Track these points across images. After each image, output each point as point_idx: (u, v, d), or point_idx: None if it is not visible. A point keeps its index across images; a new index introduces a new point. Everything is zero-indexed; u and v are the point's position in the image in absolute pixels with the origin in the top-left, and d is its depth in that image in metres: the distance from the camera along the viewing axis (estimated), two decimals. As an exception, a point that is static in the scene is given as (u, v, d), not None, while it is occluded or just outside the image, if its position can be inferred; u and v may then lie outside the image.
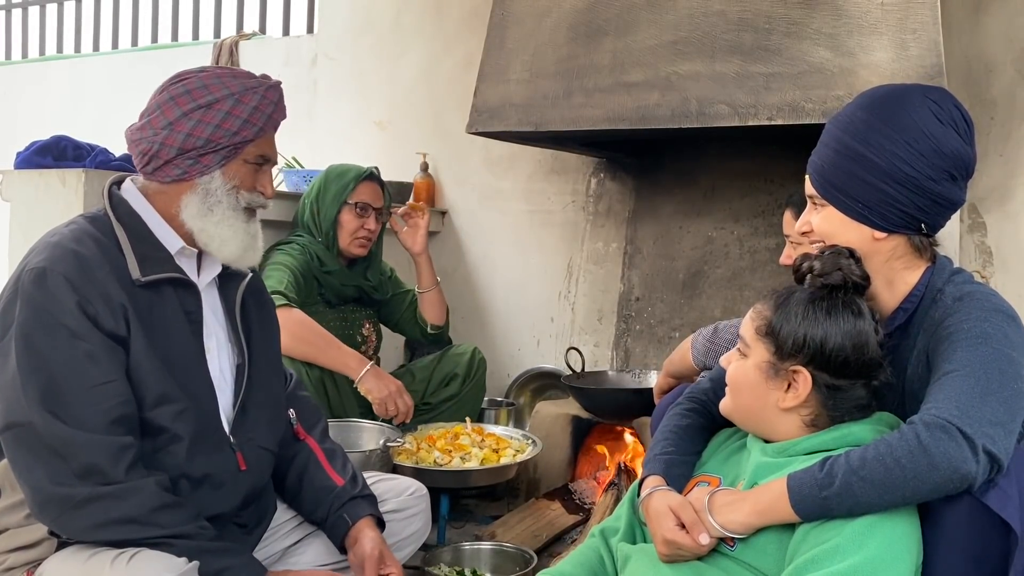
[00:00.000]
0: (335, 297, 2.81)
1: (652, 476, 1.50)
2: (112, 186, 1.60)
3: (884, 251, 1.48)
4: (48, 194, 2.48)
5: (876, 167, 1.43)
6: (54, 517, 1.42)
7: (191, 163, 1.54)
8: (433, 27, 3.85)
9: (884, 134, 1.43)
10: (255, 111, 1.56)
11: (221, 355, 1.63)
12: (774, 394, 1.41)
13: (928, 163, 1.42)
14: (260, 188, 1.63)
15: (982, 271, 2.87)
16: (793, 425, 1.42)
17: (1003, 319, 1.38)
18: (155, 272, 1.51)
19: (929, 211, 1.46)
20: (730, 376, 1.48)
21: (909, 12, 2.20)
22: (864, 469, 1.25)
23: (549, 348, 3.57)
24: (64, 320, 1.41)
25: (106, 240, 1.51)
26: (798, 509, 1.29)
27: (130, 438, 1.43)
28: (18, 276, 1.46)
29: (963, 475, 1.22)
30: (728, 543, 1.37)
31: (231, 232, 1.58)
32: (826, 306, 1.39)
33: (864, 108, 1.48)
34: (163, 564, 1.37)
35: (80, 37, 5.53)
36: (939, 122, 1.43)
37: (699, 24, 2.45)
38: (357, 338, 2.88)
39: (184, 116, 1.52)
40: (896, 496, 1.25)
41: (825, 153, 1.50)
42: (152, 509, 1.41)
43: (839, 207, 1.48)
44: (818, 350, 1.37)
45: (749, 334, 1.45)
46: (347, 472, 1.76)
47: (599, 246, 3.47)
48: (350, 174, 2.82)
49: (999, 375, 1.30)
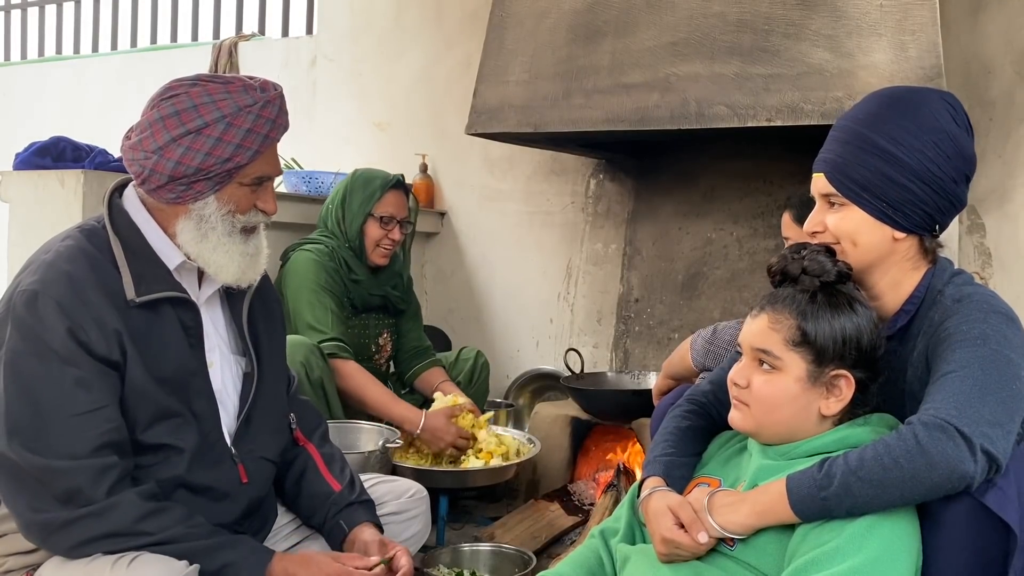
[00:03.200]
0: (361, 304, 2.81)
1: (652, 477, 1.50)
2: (113, 193, 1.56)
3: (899, 252, 1.48)
4: (47, 195, 2.48)
5: (905, 166, 1.42)
6: (40, 541, 1.42)
7: (183, 188, 1.48)
8: (432, 28, 3.85)
9: (913, 133, 1.42)
10: (249, 134, 1.47)
11: (224, 368, 1.61)
12: (816, 403, 1.38)
13: (952, 165, 1.43)
14: (260, 206, 1.56)
15: (981, 272, 2.87)
16: (824, 428, 1.40)
17: (1002, 320, 1.38)
18: (151, 291, 1.48)
19: (946, 212, 1.47)
20: (763, 394, 1.39)
21: (908, 13, 2.20)
22: (862, 469, 1.25)
23: (548, 349, 3.56)
24: (54, 346, 1.38)
25: (101, 257, 1.47)
26: (797, 510, 1.29)
27: (114, 458, 1.40)
28: (10, 296, 1.43)
29: (961, 475, 1.22)
30: (728, 543, 1.36)
31: (227, 259, 1.53)
32: (844, 302, 1.38)
33: (888, 106, 1.46)
34: (163, 568, 1.36)
35: (79, 38, 5.53)
36: (957, 125, 1.45)
37: (698, 25, 2.45)
38: (372, 347, 2.87)
39: (173, 142, 1.45)
40: (894, 496, 1.25)
41: (847, 150, 1.46)
42: (135, 519, 1.39)
43: (863, 206, 1.45)
44: (856, 347, 1.37)
45: (777, 346, 1.38)
46: (345, 477, 1.75)
47: (598, 247, 3.46)
48: (375, 183, 2.79)
49: (997, 376, 1.30)
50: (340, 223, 2.79)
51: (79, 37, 5.53)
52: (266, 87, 1.52)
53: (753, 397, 1.40)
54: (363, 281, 2.79)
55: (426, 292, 3.82)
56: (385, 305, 2.89)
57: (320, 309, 2.62)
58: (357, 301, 2.80)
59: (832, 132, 1.53)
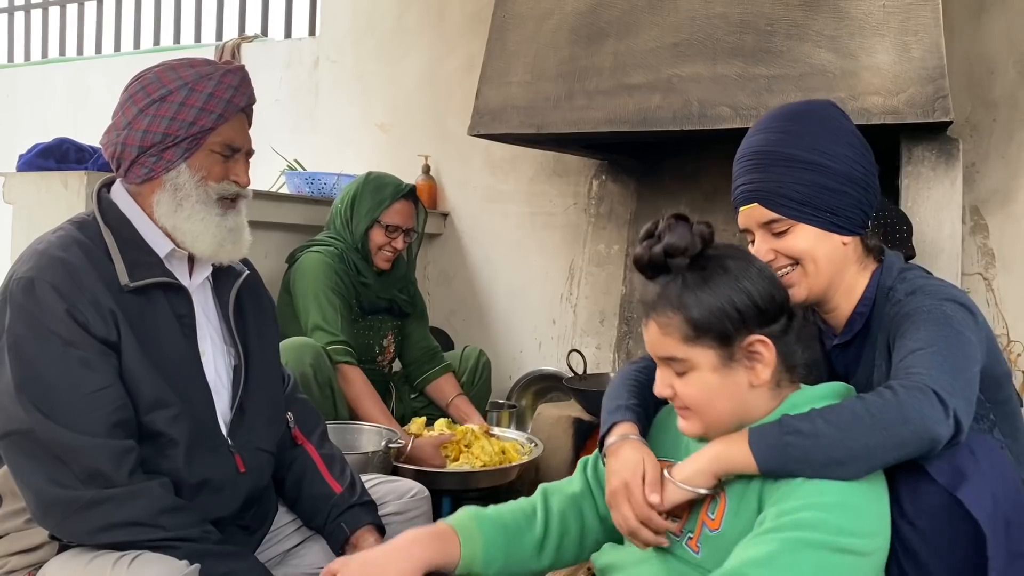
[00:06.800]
0: (368, 306, 2.83)
1: (625, 423, 1.44)
2: (102, 188, 1.58)
3: (850, 257, 1.49)
4: (50, 196, 2.48)
5: (836, 172, 1.44)
6: (58, 521, 1.41)
7: (155, 160, 1.51)
8: (435, 30, 3.85)
9: (831, 140, 1.45)
10: (211, 98, 1.51)
11: (217, 358, 1.61)
12: (743, 378, 1.29)
13: (867, 161, 1.48)
14: (233, 177, 1.57)
15: (984, 273, 2.86)
16: (764, 396, 1.31)
17: (959, 308, 1.37)
18: (144, 277, 1.49)
19: (870, 208, 1.50)
20: (688, 397, 1.31)
21: (911, 14, 2.20)
22: (832, 414, 1.22)
23: (551, 350, 3.56)
24: (55, 328, 1.39)
25: (94, 246, 1.49)
26: (756, 450, 1.23)
27: (131, 442, 1.42)
28: (6, 286, 1.44)
29: (933, 436, 1.20)
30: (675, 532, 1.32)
31: (202, 226, 1.53)
32: (719, 270, 1.29)
33: (796, 123, 1.48)
34: (164, 567, 1.36)
35: (82, 40, 5.54)
36: (852, 123, 1.51)
37: (701, 26, 2.45)
38: (376, 348, 2.88)
39: (140, 113, 1.50)
40: (859, 444, 1.19)
41: (773, 174, 1.46)
42: (157, 512, 1.40)
43: (809, 221, 1.45)
44: (754, 308, 1.28)
45: (677, 349, 1.29)
46: (345, 479, 1.75)
47: (601, 248, 3.46)
48: (387, 190, 2.81)
49: (963, 357, 1.30)
50: (347, 225, 2.80)
51: (82, 39, 5.54)
52: (229, 64, 1.58)
53: (686, 402, 1.32)
54: (371, 284, 2.80)
55: (428, 293, 3.82)
56: (391, 307, 2.90)
57: (330, 310, 2.64)
58: (365, 303, 2.81)
59: (742, 165, 1.52)
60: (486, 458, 2.57)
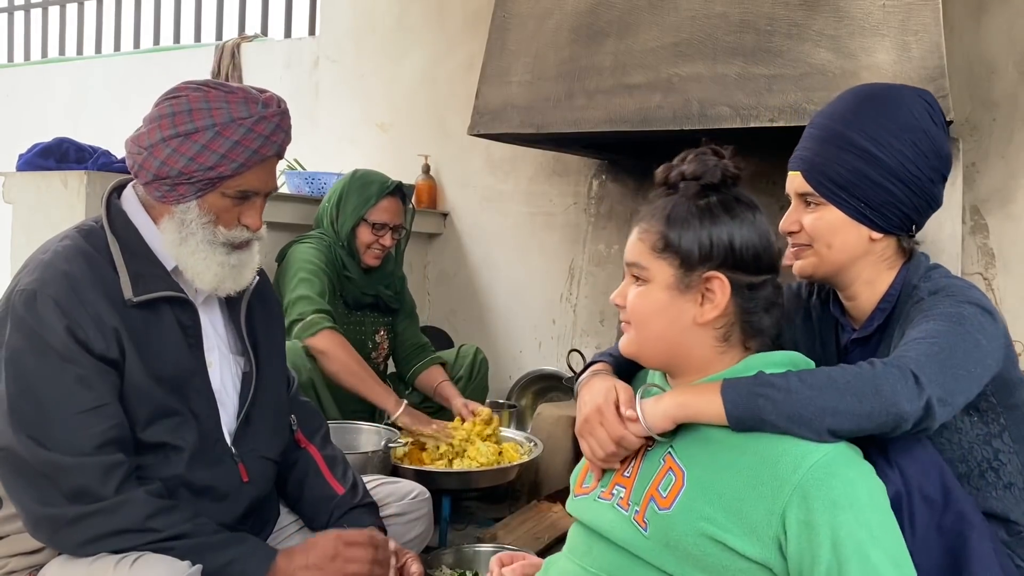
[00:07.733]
0: (354, 302, 2.84)
1: (598, 364, 1.43)
2: (112, 193, 1.57)
3: (876, 252, 1.46)
4: (50, 196, 2.48)
5: (884, 165, 1.40)
6: (48, 536, 1.41)
7: (168, 189, 1.48)
8: (435, 29, 3.85)
9: (892, 132, 1.41)
10: (236, 146, 1.46)
11: (223, 368, 1.61)
12: (689, 311, 1.26)
13: (928, 164, 1.42)
14: (244, 222, 1.54)
15: (984, 273, 2.86)
16: (707, 344, 1.28)
17: (978, 311, 1.35)
18: (148, 291, 1.48)
19: (922, 212, 1.46)
20: (633, 307, 1.29)
21: (911, 14, 2.20)
22: (807, 375, 1.20)
23: (551, 350, 3.56)
24: (54, 344, 1.39)
25: (99, 257, 1.47)
26: (727, 397, 1.19)
27: (120, 456, 1.41)
28: (9, 296, 1.44)
29: (900, 412, 1.18)
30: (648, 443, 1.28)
31: (204, 265, 1.51)
32: (717, 204, 1.27)
33: (866, 104, 1.44)
34: (166, 569, 1.36)
35: (82, 39, 5.54)
36: (934, 123, 1.43)
37: (701, 26, 2.45)
38: (368, 344, 2.88)
39: (162, 142, 1.46)
40: (828, 404, 1.16)
41: (824, 149, 1.44)
42: (145, 516, 1.39)
43: (840, 206, 1.44)
44: (728, 249, 1.25)
45: (643, 256, 1.28)
46: (347, 480, 1.75)
47: (601, 248, 3.46)
48: (372, 188, 2.80)
49: (963, 355, 1.28)
50: (334, 223, 2.81)
51: (82, 38, 5.54)
52: (269, 103, 1.51)
53: (629, 314, 1.31)
54: (355, 279, 2.80)
55: (428, 293, 3.82)
56: (377, 303, 2.90)
57: (315, 282, 2.63)
58: (349, 298, 2.81)
59: (808, 129, 1.50)
60: (483, 459, 2.56)
